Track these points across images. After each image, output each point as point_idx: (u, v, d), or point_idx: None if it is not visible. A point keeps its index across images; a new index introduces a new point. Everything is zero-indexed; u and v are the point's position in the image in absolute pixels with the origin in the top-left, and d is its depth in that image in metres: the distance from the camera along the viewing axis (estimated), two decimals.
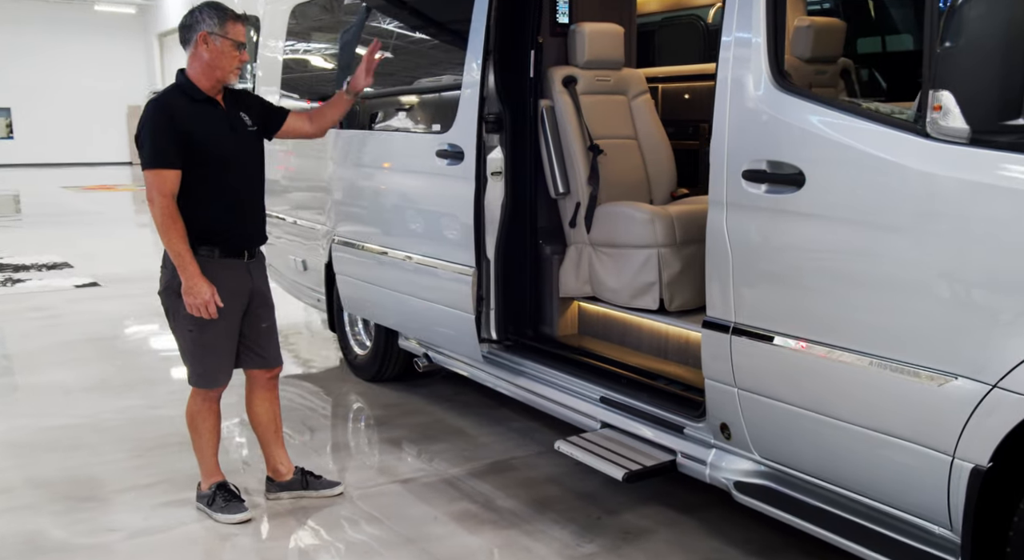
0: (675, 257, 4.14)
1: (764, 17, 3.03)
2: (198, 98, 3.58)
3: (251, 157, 3.76)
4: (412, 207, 4.94)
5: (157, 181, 3.47)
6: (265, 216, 3.86)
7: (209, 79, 3.59)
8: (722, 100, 3.16)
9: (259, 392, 3.94)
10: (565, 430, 4.79)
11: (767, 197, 3.01)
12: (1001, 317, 2.37)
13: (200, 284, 3.49)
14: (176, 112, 3.51)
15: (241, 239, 3.71)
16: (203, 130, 3.55)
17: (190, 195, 3.55)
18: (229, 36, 3.55)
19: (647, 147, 4.77)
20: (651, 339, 4.23)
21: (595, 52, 4.61)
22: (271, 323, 3.89)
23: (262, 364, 3.88)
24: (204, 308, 3.50)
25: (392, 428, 5.13)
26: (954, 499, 2.55)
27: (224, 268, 3.64)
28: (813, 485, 3.10)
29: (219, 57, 3.55)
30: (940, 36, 2.21)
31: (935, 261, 2.53)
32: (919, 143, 2.53)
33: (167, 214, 3.48)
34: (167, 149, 3.47)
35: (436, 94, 4.93)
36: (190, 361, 3.72)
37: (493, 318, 4.58)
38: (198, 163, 3.53)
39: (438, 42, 5.03)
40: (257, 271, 3.80)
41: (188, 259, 3.48)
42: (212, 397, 3.80)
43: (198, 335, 3.63)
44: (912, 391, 2.62)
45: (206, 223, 3.59)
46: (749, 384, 3.18)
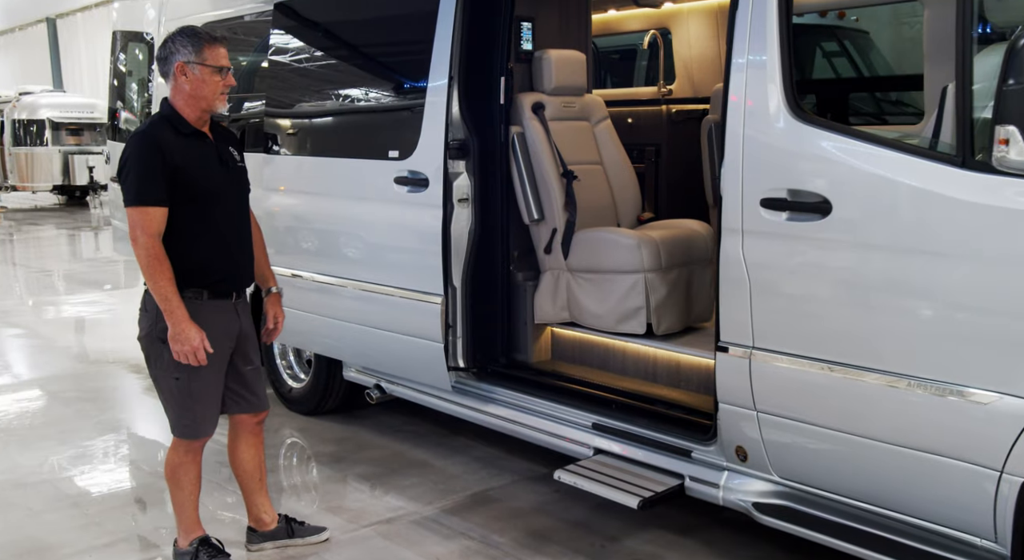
0: (661, 282, 4.19)
1: (779, 45, 3.10)
2: (185, 131, 3.38)
3: (240, 193, 3.58)
4: (366, 235, 4.81)
5: (143, 219, 3.25)
6: (253, 254, 3.65)
7: (195, 110, 3.39)
8: (735, 128, 3.22)
9: (246, 438, 3.71)
10: (531, 457, 4.80)
11: (789, 225, 3.09)
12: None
13: (189, 329, 3.27)
14: (164, 145, 3.29)
15: (231, 279, 3.51)
16: (192, 164, 3.35)
17: (177, 233, 3.33)
18: (208, 62, 3.35)
19: (612, 172, 4.81)
20: (637, 363, 4.25)
21: (561, 78, 4.63)
22: (258, 365, 3.68)
23: (249, 408, 3.66)
24: (193, 355, 3.28)
25: (351, 464, 4.94)
26: (1001, 512, 2.68)
27: (214, 310, 3.43)
28: (836, 502, 3.18)
29: (201, 86, 3.36)
30: (1003, 74, 2.33)
31: (980, 285, 2.65)
32: (957, 173, 2.66)
33: (153, 255, 3.25)
34: (155, 185, 3.25)
35: (391, 120, 4.82)
36: (176, 410, 3.47)
37: (461, 346, 4.50)
38: (187, 199, 3.33)
39: (392, 66, 4.91)
40: (244, 311, 3.60)
41: (176, 303, 3.26)
42: (196, 448, 3.55)
43: (186, 383, 3.39)
44: (955, 410, 2.74)
45: (195, 263, 3.37)
46: (771, 407, 3.23)
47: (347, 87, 5.05)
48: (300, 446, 5.32)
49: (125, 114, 7.60)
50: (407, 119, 4.57)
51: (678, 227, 4.53)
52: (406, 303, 4.54)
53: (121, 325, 8.86)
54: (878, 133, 3.05)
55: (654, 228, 4.53)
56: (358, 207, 4.80)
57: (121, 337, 8.16)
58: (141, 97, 7.31)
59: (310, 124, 5.30)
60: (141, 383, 6.64)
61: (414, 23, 4.51)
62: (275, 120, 5.36)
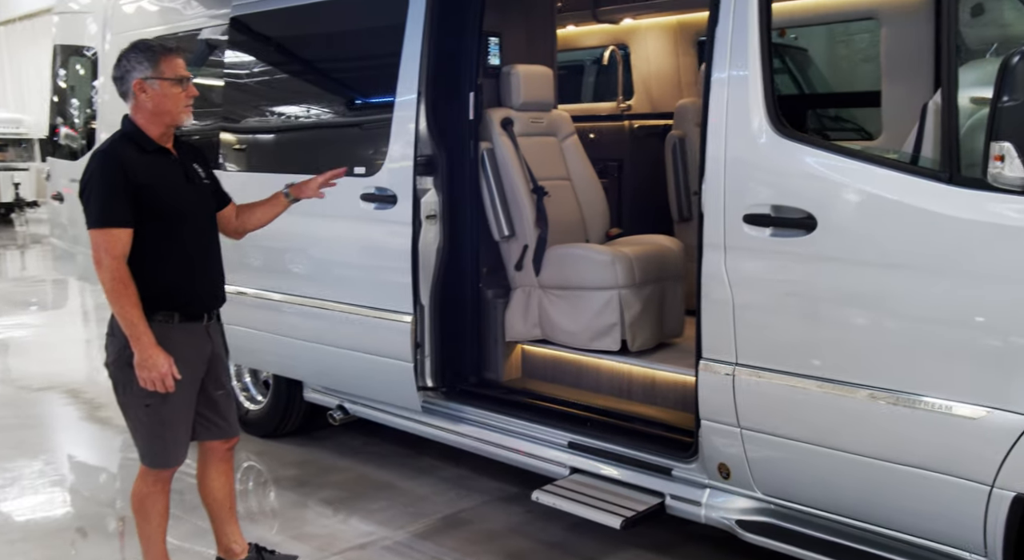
0: (635, 298, 4.17)
1: (760, 61, 3.11)
2: (150, 148, 3.24)
3: (207, 210, 3.44)
4: (331, 253, 4.71)
5: (107, 241, 3.10)
6: (224, 273, 3.52)
7: (159, 126, 3.26)
8: (716, 143, 3.21)
9: (216, 465, 3.56)
10: (501, 477, 4.73)
11: (773, 240, 3.09)
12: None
13: (156, 355, 3.12)
14: (128, 164, 3.15)
15: (202, 300, 3.37)
16: (158, 182, 3.22)
17: (144, 254, 3.18)
18: (166, 76, 3.21)
19: (580, 188, 4.79)
20: (612, 380, 4.22)
21: (530, 94, 4.60)
22: (228, 389, 3.55)
23: (220, 434, 3.52)
24: (161, 382, 3.13)
25: (316, 488, 4.80)
26: (991, 527, 2.69)
27: (185, 333, 3.28)
28: (821, 519, 3.18)
29: (163, 101, 3.22)
30: (997, 91, 2.36)
31: (967, 301, 2.68)
32: (943, 189, 2.69)
33: (119, 278, 3.10)
34: (119, 205, 3.12)
35: (357, 136, 4.73)
36: (146, 439, 3.31)
37: (429, 365, 4.43)
38: (153, 218, 3.18)
39: (358, 81, 4.83)
40: (216, 334, 3.46)
41: (143, 328, 3.12)
42: (165, 477, 3.40)
43: (157, 410, 3.23)
44: (945, 425, 2.75)
45: (164, 284, 3.23)
46: (755, 423, 3.22)
47: (310, 103, 4.95)
48: (259, 470, 5.16)
49: (65, 130, 7.35)
50: (373, 135, 4.49)
51: (649, 243, 4.53)
52: (374, 322, 4.45)
53: (50, 348, 8.57)
54: (863, 149, 3.07)
55: (626, 244, 4.51)
56: (322, 225, 4.69)
57: (51, 360, 7.88)
58: (83, 113, 7.09)
59: (271, 140, 5.18)
60: (75, 409, 6.39)
61: (380, 37, 4.44)
62: (233, 137, 5.23)
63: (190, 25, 5.64)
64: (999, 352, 2.63)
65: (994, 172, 2.39)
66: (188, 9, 5.71)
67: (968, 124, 2.71)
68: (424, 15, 4.17)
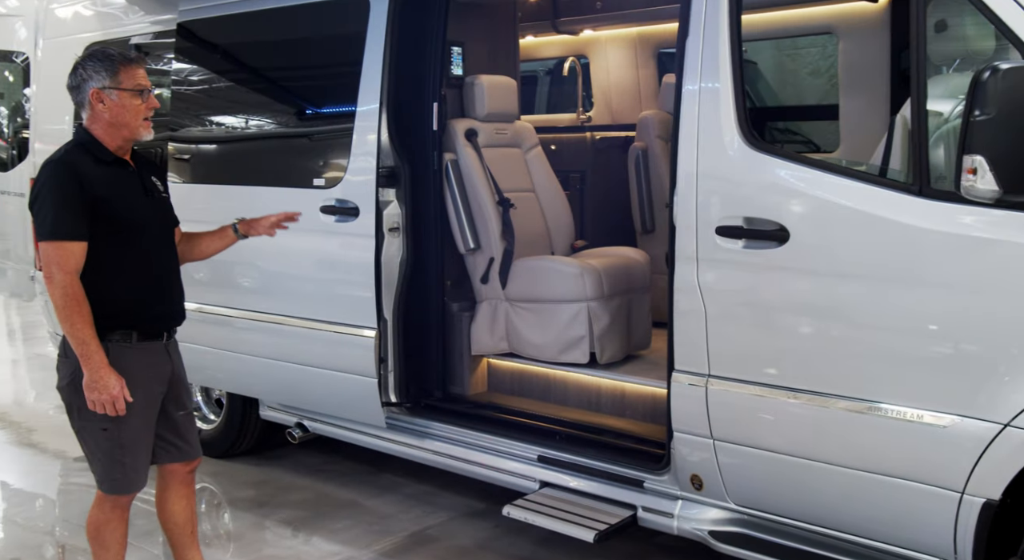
0: (604, 310, 4.16)
1: (731, 72, 3.12)
2: (107, 160, 3.12)
3: (166, 224, 3.33)
4: (289, 267, 4.61)
5: (59, 255, 2.97)
6: (183, 290, 3.41)
7: (115, 139, 3.14)
8: (688, 155, 3.22)
9: (176, 488, 3.43)
10: (466, 492, 4.68)
11: (746, 252, 3.10)
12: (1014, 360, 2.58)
13: (107, 377, 2.99)
14: (83, 174, 3.03)
15: (161, 318, 3.26)
16: (115, 194, 3.10)
17: (101, 270, 3.06)
18: (124, 86, 3.09)
19: (545, 200, 4.78)
20: (581, 393, 4.20)
21: (494, 105, 4.57)
22: (189, 409, 3.44)
23: (181, 457, 3.39)
24: (111, 405, 3.01)
25: (276, 509, 4.70)
26: (962, 533, 2.73)
27: (143, 353, 3.17)
28: (794, 528, 3.19)
29: (121, 112, 3.11)
30: (968, 105, 2.40)
31: (938, 311, 2.72)
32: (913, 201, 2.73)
33: (71, 295, 2.97)
34: (72, 218, 2.99)
35: (316, 147, 4.66)
36: (104, 464, 3.17)
37: (393, 380, 4.36)
38: (110, 232, 3.07)
39: (317, 90, 4.75)
40: (175, 353, 3.35)
41: (94, 347, 3.00)
42: (124, 504, 3.27)
43: (115, 433, 3.10)
44: (916, 433, 2.78)
45: (121, 302, 3.11)
46: (728, 434, 3.23)
47: (267, 112, 4.86)
48: (214, 492, 5.03)
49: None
50: (333, 146, 4.43)
51: (616, 255, 4.53)
52: (335, 337, 4.37)
53: None
54: (834, 161, 3.10)
55: (593, 256, 4.51)
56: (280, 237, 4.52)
57: None
58: (13, 122, 6.88)
59: (224, 151, 5.07)
60: (3, 434, 6.12)
61: (341, 46, 4.38)
62: (183, 147, 5.10)
63: (129, 31, 5.52)
64: (970, 362, 2.68)
65: (967, 185, 2.43)
66: (129, 14, 5.58)
67: (935, 137, 2.76)
68: (386, 23, 4.12)
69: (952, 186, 2.60)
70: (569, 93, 6.58)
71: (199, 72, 5.08)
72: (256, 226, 3.54)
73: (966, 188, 2.43)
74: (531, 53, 6.34)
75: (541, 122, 6.06)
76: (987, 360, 2.65)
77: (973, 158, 2.38)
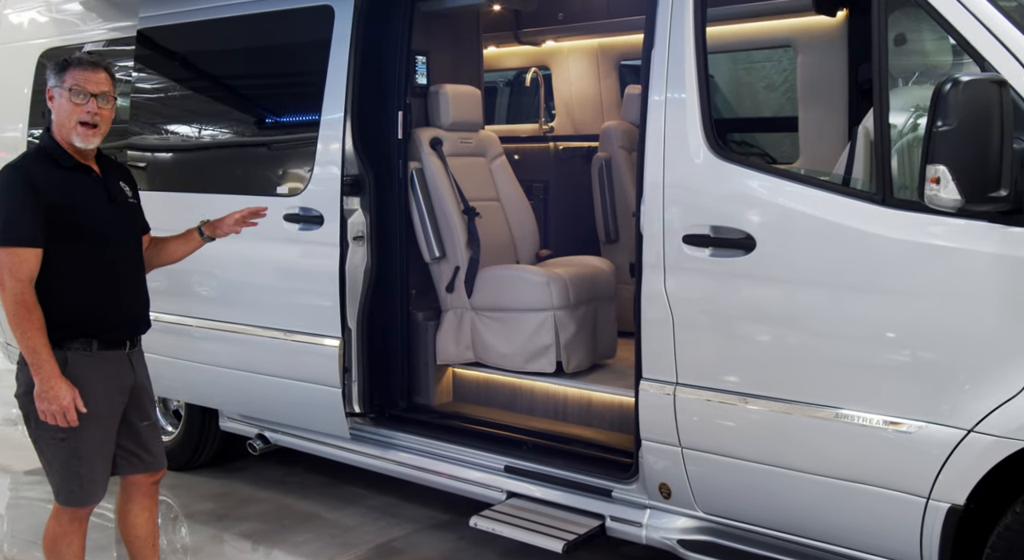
0: (570, 319, 4.17)
1: (696, 83, 3.16)
2: (67, 165, 3.08)
3: (131, 231, 3.27)
4: (251, 276, 4.55)
5: (11, 262, 2.92)
6: (148, 298, 3.35)
7: (63, 141, 3.08)
8: (654, 165, 3.24)
9: (139, 500, 3.36)
10: (430, 503, 4.65)
11: (713, 260, 3.12)
12: (976, 367, 2.63)
13: (58, 386, 2.94)
14: (39, 179, 2.98)
15: (123, 327, 3.19)
16: (75, 200, 3.05)
17: (60, 277, 3.01)
18: (65, 85, 3.04)
19: (509, 209, 4.78)
20: (547, 402, 4.20)
21: (459, 114, 4.57)
22: (154, 420, 3.37)
23: (144, 468, 3.32)
24: (62, 415, 2.94)
25: (236, 522, 4.62)
26: (928, 538, 2.76)
27: (104, 362, 3.11)
28: (762, 536, 3.21)
29: (58, 112, 3.06)
30: (931, 116, 2.45)
31: (902, 319, 2.76)
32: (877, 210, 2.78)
33: (22, 303, 2.92)
34: (27, 224, 2.93)
35: (279, 155, 4.61)
36: (60, 475, 3.10)
37: (357, 390, 4.33)
38: (69, 239, 3.01)
39: (280, 98, 4.71)
40: (139, 362, 3.29)
41: (45, 356, 2.94)
42: (82, 516, 3.19)
43: (73, 443, 3.03)
44: (881, 439, 2.82)
45: (80, 309, 3.06)
46: (696, 442, 3.24)
47: (230, 120, 4.80)
48: (172, 505, 4.93)
49: None
50: (297, 154, 4.39)
51: (582, 264, 4.54)
52: (298, 347, 4.32)
53: None
54: (799, 171, 3.14)
55: (558, 265, 4.51)
56: (242, 246, 4.46)
57: None
58: None
59: (186, 159, 4.99)
60: None
61: (305, 54, 4.35)
62: (141, 155, 5.02)
63: (86, 37, 5.43)
64: (933, 368, 2.72)
65: (930, 194, 2.47)
66: (86, 21, 5.50)
67: (897, 148, 2.81)
68: (350, 32, 4.10)
69: (915, 195, 2.64)
70: (530, 104, 6.60)
71: (160, 80, 5.00)
72: (220, 226, 3.50)
73: (929, 197, 2.48)
74: (493, 64, 6.35)
75: (504, 132, 6.07)
76: (949, 367, 2.69)
77: (936, 168, 2.43)
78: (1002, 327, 2.59)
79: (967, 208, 2.49)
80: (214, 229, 3.49)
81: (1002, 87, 2.41)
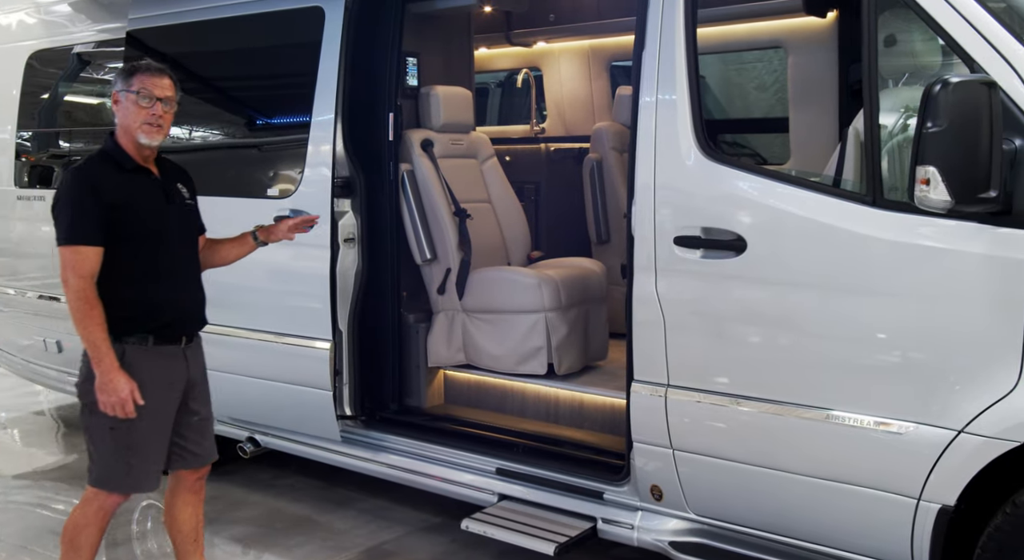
0: (561, 321, 4.17)
1: (687, 84, 3.15)
2: (128, 167, 3.22)
3: (189, 231, 3.40)
4: (242, 278, 4.50)
5: (74, 259, 3.07)
6: (204, 296, 3.42)
7: (128, 144, 3.23)
8: (645, 167, 3.23)
9: (184, 495, 3.45)
10: (421, 506, 4.63)
11: (704, 262, 3.12)
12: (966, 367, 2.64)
13: (117, 379, 3.06)
14: (102, 182, 3.14)
15: (179, 323, 3.30)
16: (135, 201, 3.19)
17: (120, 274, 3.14)
18: (133, 88, 3.18)
19: (501, 210, 4.77)
20: (538, 404, 4.19)
21: (450, 115, 4.56)
22: (207, 415, 3.45)
23: (190, 463, 3.40)
24: (120, 407, 3.06)
25: (228, 525, 4.59)
26: (919, 539, 2.77)
27: (159, 357, 3.22)
28: (754, 537, 3.21)
29: (124, 115, 3.20)
30: (921, 117, 2.45)
31: (893, 320, 2.76)
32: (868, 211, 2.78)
33: (84, 298, 3.06)
34: (88, 223, 3.09)
35: (270, 157, 4.60)
36: (106, 462, 3.19)
37: (348, 393, 4.32)
38: (128, 238, 3.16)
39: (271, 101, 4.70)
40: (194, 358, 3.38)
41: (105, 350, 3.07)
42: (109, 508, 3.25)
43: (124, 434, 3.13)
44: (872, 441, 2.82)
45: (138, 306, 3.18)
46: (688, 444, 3.24)
47: (219, 123, 4.80)
48: (161, 509, 4.86)
49: None
50: (287, 156, 4.39)
51: (573, 266, 4.54)
52: (289, 349, 4.31)
53: None
54: (790, 172, 3.14)
55: (550, 267, 4.51)
56: None
57: None
58: None
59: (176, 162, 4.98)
60: None
61: (296, 56, 4.35)
62: None
63: (75, 39, 5.44)
64: (924, 369, 2.72)
65: (920, 195, 2.47)
66: (75, 22, 5.50)
67: (888, 149, 2.81)
68: (341, 34, 4.10)
69: (905, 197, 2.64)
70: (522, 105, 6.60)
71: None
72: (274, 232, 3.62)
73: (919, 198, 2.48)
74: (484, 65, 6.34)
75: (495, 133, 6.07)
76: (939, 368, 2.70)
77: (926, 169, 2.43)
78: (992, 328, 2.60)
79: (957, 209, 2.49)
80: (268, 234, 3.61)
81: (991, 88, 2.42)
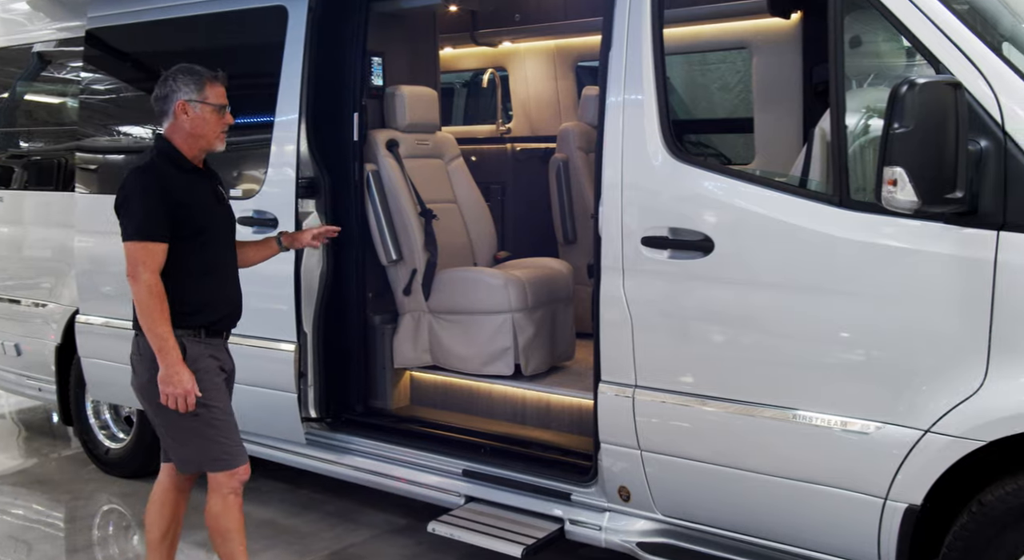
0: (528, 321, 4.15)
1: (654, 84, 3.15)
2: (187, 168, 3.31)
3: (231, 229, 3.51)
4: None
5: (145, 255, 3.15)
6: (242, 292, 3.50)
7: (192, 149, 3.32)
8: (612, 167, 3.23)
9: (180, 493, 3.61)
10: (388, 508, 4.60)
11: (671, 262, 3.12)
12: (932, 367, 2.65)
13: (182, 372, 3.17)
14: (167, 181, 3.23)
15: (228, 318, 3.44)
16: (194, 200, 3.29)
17: (179, 272, 3.23)
18: (209, 101, 3.29)
19: (467, 210, 4.75)
20: (505, 405, 4.17)
21: (415, 115, 4.53)
22: None
23: None
24: (183, 399, 3.16)
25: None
26: (886, 538, 2.78)
27: (210, 349, 3.35)
28: (721, 537, 3.21)
29: (201, 125, 3.28)
30: (888, 118, 2.46)
31: (859, 320, 2.77)
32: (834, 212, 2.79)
33: (155, 293, 3.16)
34: (157, 220, 3.18)
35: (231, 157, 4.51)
36: (202, 444, 3.29)
37: (312, 395, 4.28)
38: (188, 236, 3.25)
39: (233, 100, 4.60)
40: (229, 352, 3.50)
41: (172, 344, 3.17)
42: (236, 487, 3.34)
43: (206, 417, 3.25)
44: (839, 441, 2.83)
45: (197, 301, 3.29)
46: (655, 445, 3.23)
47: None
48: (123, 513, 4.83)
49: None
50: (250, 156, 4.32)
51: (540, 266, 4.52)
52: (253, 351, 4.22)
53: None
54: (756, 173, 3.15)
55: (516, 267, 4.49)
56: None
57: None
58: None
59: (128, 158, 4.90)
60: None
61: (259, 55, 4.28)
62: (91, 157, 4.91)
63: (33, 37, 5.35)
64: (890, 369, 2.74)
65: (887, 196, 2.48)
66: (33, 21, 5.41)
67: (854, 149, 2.82)
68: (304, 33, 4.05)
69: (871, 197, 2.66)
70: (487, 105, 6.57)
71: (109, 81, 4.91)
72: (299, 239, 3.70)
73: (886, 199, 2.49)
74: (450, 65, 6.31)
75: (461, 133, 6.03)
76: (905, 368, 2.71)
77: (893, 169, 2.44)
78: (958, 328, 2.61)
79: (923, 209, 2.50)
80: (292, 240, 3.69)
81: (957, 89, 2.43)
